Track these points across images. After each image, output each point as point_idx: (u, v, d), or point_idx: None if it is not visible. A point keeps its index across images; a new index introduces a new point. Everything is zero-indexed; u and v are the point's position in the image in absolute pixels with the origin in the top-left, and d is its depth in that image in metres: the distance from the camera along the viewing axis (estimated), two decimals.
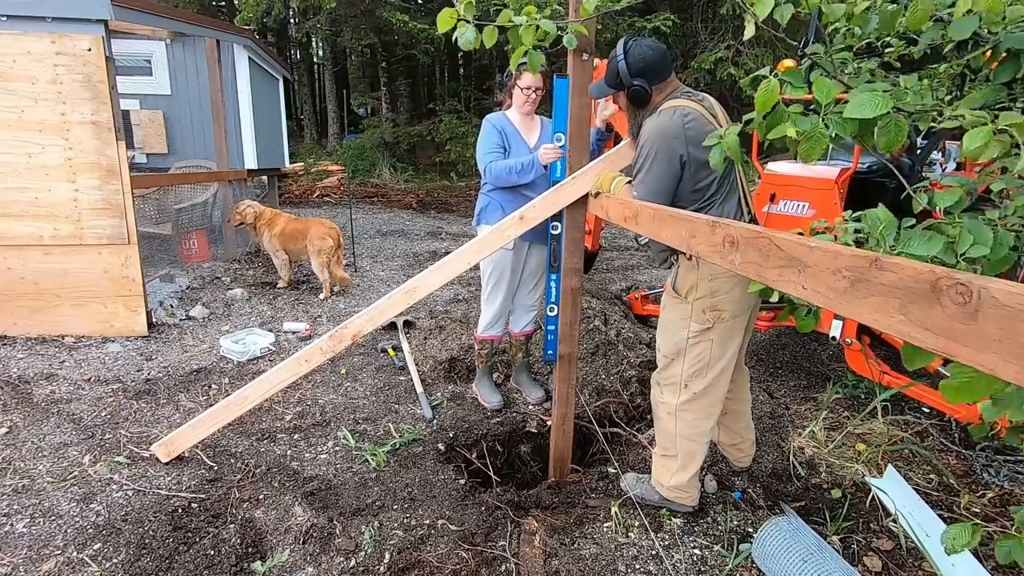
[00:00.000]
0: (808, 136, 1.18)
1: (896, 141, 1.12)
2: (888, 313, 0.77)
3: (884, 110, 1.08)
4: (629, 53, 1.97)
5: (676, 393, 2.08)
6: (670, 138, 1.89)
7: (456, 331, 4.11)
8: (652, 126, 1.95)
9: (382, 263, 6.66)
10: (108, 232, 3.90)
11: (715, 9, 11.18)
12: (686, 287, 2.00)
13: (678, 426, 2.09)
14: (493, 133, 2.89)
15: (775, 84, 1.23)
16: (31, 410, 2.97)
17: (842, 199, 3.24)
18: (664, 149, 1.90)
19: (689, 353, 2.03)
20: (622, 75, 1.98)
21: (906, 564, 2.03)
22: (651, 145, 1.92)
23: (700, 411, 2.07)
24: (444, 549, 2.06)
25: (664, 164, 1.91)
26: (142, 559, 1.97)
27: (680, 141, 1.89)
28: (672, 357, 2.08)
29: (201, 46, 6.05)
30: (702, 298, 1.97)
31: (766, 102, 1.23)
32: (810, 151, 1.19)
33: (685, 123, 1.89)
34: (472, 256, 2.28)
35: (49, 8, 3.58)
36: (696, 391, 2.05)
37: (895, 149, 1.15)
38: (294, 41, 21.02)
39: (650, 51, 1.96)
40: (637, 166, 1.98)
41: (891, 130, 1.11)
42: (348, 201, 9.03)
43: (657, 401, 2.18)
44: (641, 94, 2.00)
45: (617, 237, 8.47)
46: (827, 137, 1.17)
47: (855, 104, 1.10)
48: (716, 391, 2.06)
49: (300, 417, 3.02)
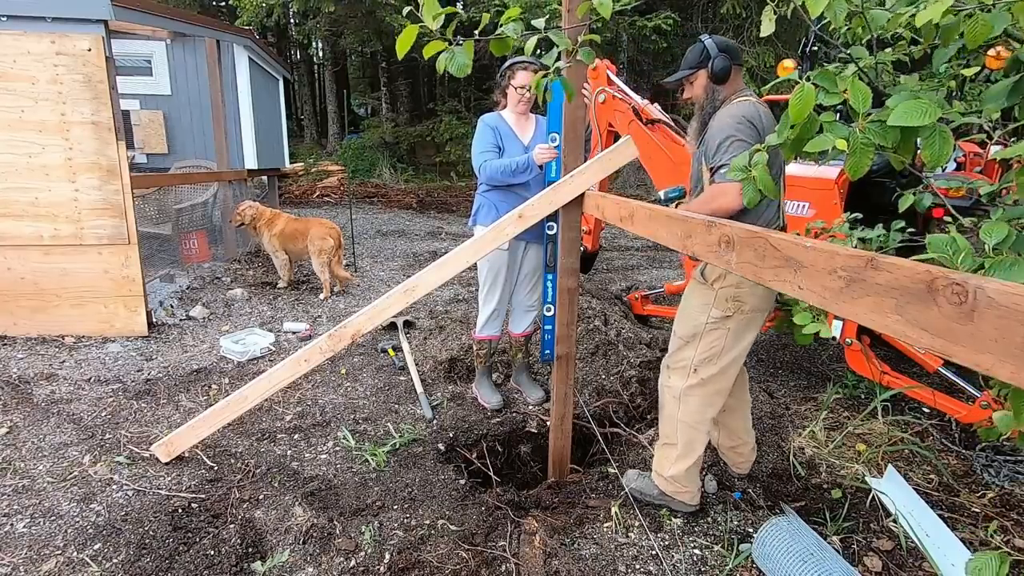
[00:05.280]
0: (853, 150, 1.08)
1: (943, 154, 1.03)
2: (884, 313, 0.77)
3: (932, 119, 1.00)
4: (712, 38, 2.05)
5: (684, 377, 2.12)
6: (750, 121, 1.91)
7: (456, 331, 4.11)
8: (731, 111, 1.96)
9: (382, 263, 6.66)
10: (108, 232, 3.90)
11: (715, 9, 11.17)
12: (715, 275, 2.04)
13: (681, 411, 2.12)
14: (488, 133, 2.89)
15: (810, 90, 1.12)
16: (31, 410, 2.97)
17: (842, 199, 3.23)
18: (747, 131, 1.91)
19: (705, 338, 2.06)
20: (709, 50, 2.03)
21: (906, 564, 2.03)
22: (731, 129, 1.92)
23: (705, 398, 2.10)
24: (444, 549, 2.06)
25: (750, 139, 1.89)
26: (142, 559, 1.98)
27: (759, 127, 1.91)
28: (687, 340, 2.12)
29: (201, 46, 6.05)
30: (728, 287, 2.01)
31: (801, 110, 1.12)
32: (858, 165, 1.08)
33: (762, 112, 1.94)
34: (470, 255, 2.28)
35: (49, 8, 3.58)
36: (704, 377, 2.08)
37: (942, 163, 1.06)
38: (294, 41, 21.01)
39: (727, 39, 2.05)
40: (716, 151, 1.94)
41: (936, 141, 1.03)
42: (348, 201, 9.03)
43: (664, 385, 2.21)
44: (726, 67, 2.02)
45: (617, 237, 8.47)
46: (872, 148, 1.07)
47: (900, 112, 1.02)
48: (723, 380, 2.10)
49: (300, 417, 3.02)
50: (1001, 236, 1.04)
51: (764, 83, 8.78)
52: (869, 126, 1.08)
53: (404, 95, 18.00)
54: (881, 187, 3.41)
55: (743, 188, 1.34)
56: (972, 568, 1.06)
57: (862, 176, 1.09)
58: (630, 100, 3.52)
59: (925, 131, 1.03)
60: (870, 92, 1.11)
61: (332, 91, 18.72)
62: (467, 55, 1.43)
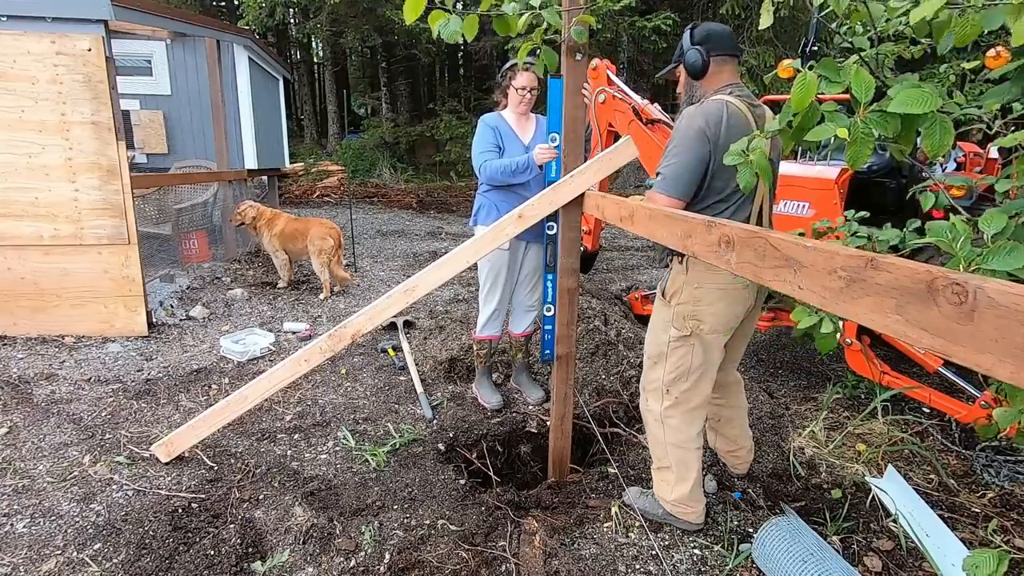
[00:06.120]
0: (854, 140, 1.06)
1: (943, 144, 1.02)
2: (884, 313, 0.77)
3: (932, 107, 0.98)
4: (697, 27, 1.96)
5: (660, 399, 2.07)
6: (705, 126, 1.81)
7: (456, 331, 4.11)
8: (692, 111, 1.87)
9: (382, 263, 6.66)
10: (108, 232, 3.90)
11: (715, 9, 11.16)
12: (672, 291, 1.99)
13: (666, 434, 2.07)
14: (488, 133, 2.89)
15: (812, 79, 1.10)
16: (31, 410, 2.97)
17: (842, 199, 3.23)
18: (696, 137, 1.81)
19: (671, 357, 2.01)
20: (683, 43, 1.94)
21: (906, 564, 2.03)
22: (677, 138, 1.86)
23: (684, 416, 2.05)
24: (444, 549, 2.06)
25: (693, 152, 1.82)
26: (142, 559, 1.98)
27: (713, 132, 1.80)
28: (655, 360, 2.07)
29: (201, 46, 6.05)
30: (684, 304, 1.95)
31: (802, 99, 1.10)
32: (858, 155, 1.07)
33: (725, 116, 1.81)
34: (470, 255, 2.28)
35: (49, 8, 3.58)
36: (677, 395, 2.03)
37: (943, 152, 1.05)
38: (294, 41, 21.03)
39: (716, 26, 1.95)
40: (666, 150, 1.90)
41: (937, 131, 1.01)
42: (348, 201, 9.03)
43: (645, 410, 2.17)
44: (697, 62, 1.91)
45: (617, 237, 8.47)
46: (873, 138, 1.06)
47: (901, 99, 1.00)
48: (697, 396, 2.04)
49: (300, 417, 3.02)
50: (1000, 226, 1.03)
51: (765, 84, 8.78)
52: (870, 116, 1.06)
53: (404, 95, 18.01)
54: (881, 186, 3.41)
55: (739, 172, 1.31)
56: (969, 565, 1.05)
57: (862, 176, 1.09)
58: (630, 100, 3.52)
59: (926, 120, 1.02)
60: (873, 81, 1.09)
61: (332, 91, 18.73)
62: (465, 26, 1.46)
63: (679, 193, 1.87)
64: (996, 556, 1.03)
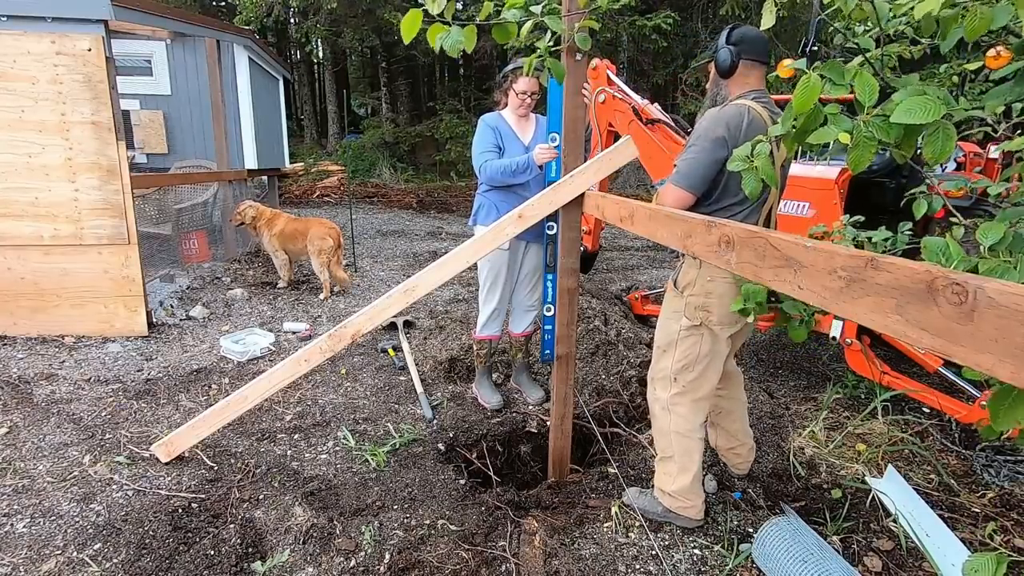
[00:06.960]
0: (856, 144, 1.06)
1: (945, 151, 1.02)
2: (884, 313, 0.77)
3: (935, 116, 0.98)
4: (736, 28, 1.99)
5: (667, 387, 2.12)
6: (726, 133, 1.84)
7: (456, 331, 4.11)
8: (714, 113, 1.91)
9: (382, 263, 6.66)
10: (108, 232, 3.90)
11: (715, 9, 11.16)
12: (684, 282, 2.05)
13: (671, 421, 2.11)
14: (488, 133, 2.89)
15: (816, 81, 1.09)
16: (31, 410, 2.97)
17: (842, 199, 3.23)
18: (716, 141, 1.85)
19: (680, 346, 2.06)
20: (719, 41, 1.98)
21: (906, 564, 2.03)
22: (705, 132, 1.89)
23: (691, 405, 2.10)
24: (444, 549, 2.06)
25: (710, 152, 1.86)
26: (142, 559, 1.98)
27: (733, 136, 1.83)
28: (664, 349, 2.12)
29: (201, 46, 6.05)
30: (695, 296, 2.01)
31: (805, 101, 1.10)
32: (860, 159, 1.07)
33: (745, 121, 1.84)
34: (470, 255, 2.28)
35: (49, 8, 3.58)
36: (684, 384, 2.08)
37: (943, 159, 1.05)
38: (294, 41, 21.01)
39: (753, 31, 1.97)
40: (686, 147, 1.94)
41: (939, 139, 1.02)
42: (348, 201, 9.03)
43: (652, 399, 2.21)
44: (726, 61, 1.94)
45: (617, 237, 8.47)
46: (875, 143, 1.06)
47: (904, 108, 1.00)
48: (705, 385, 2.09)
49: (300, 417, 3.02)
50: (997, 237, 1.03)
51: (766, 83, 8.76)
52: (872, 120, 1.06)
53: (404, 95, 18.01)
54: (881, 187, 3.41)
55: (744, 179, 1.31)
56: (969, 568, 1.04)
57: (862, 176, 1.08)
58: (630, 100, 3.52)
59: (928, 127, 1.02)
60: (877, 84, 1.09)
61: (332, 91, 18.73)
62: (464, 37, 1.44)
63: (691, 186, 1.92)
64: (995, 559, 1.03)
